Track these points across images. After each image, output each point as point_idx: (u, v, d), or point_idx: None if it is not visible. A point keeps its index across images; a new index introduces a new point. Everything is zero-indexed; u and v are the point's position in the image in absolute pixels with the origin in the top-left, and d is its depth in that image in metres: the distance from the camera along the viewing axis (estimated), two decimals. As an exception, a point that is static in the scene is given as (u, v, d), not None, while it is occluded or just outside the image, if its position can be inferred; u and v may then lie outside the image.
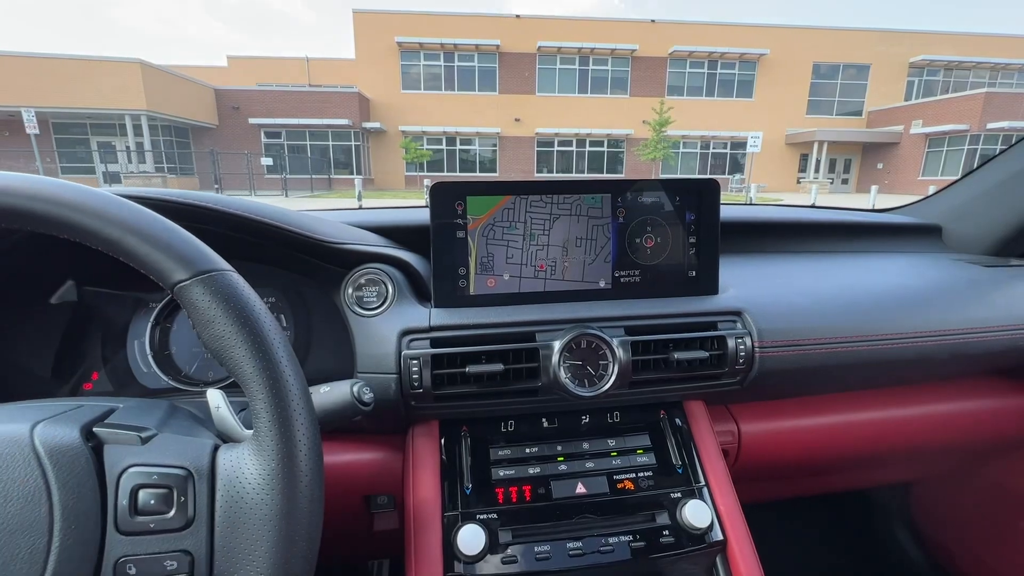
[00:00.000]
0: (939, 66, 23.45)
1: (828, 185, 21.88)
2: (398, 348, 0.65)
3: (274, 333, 0.41)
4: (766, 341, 0.72)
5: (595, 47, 21.50)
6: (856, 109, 23.67)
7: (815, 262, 0.98)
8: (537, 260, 0.72)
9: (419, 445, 0.69)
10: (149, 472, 0.39)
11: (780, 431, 0.86)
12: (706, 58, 22.29)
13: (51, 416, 0.41)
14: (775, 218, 1.07)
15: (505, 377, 0.66)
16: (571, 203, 0.72)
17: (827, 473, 1.04)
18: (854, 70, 23.15)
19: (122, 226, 0.40)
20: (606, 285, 0.74)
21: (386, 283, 0.70)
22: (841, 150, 23.18)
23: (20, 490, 0.36)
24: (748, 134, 16.56)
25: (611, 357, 0.67)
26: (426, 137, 22.25)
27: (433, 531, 0.62)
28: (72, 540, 0.36)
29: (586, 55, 22.10)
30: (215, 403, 0.46)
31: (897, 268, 0.96)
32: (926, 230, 1.12)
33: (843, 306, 0.79)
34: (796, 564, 1.23)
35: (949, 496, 1.21)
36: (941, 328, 0.79)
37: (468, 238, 0.70)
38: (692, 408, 0.76)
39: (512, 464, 0.68)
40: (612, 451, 0.70)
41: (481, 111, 22.01)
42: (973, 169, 1.12)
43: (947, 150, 20.05)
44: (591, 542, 0.63)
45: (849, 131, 22.49)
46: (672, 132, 20.32)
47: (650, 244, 0.74)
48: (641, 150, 20.11)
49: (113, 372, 0.72)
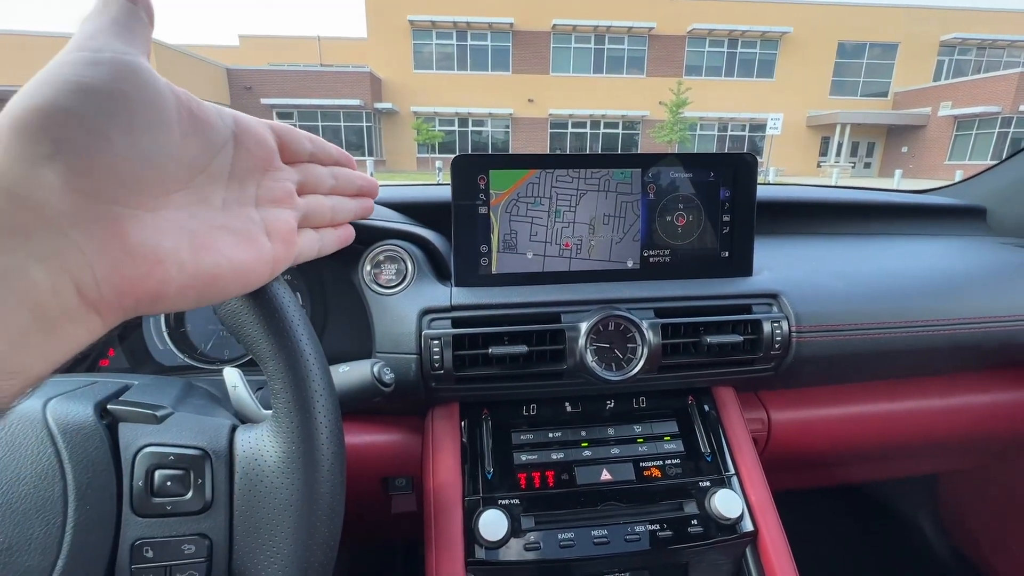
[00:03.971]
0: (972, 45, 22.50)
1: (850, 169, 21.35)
2: (418, 328, 0.62)
3: (294, 310, 0.39)
4: (803, 326, 0.68)
5: (611, 25, 20.98)
6: (882, 90, 22.89)
7: (852, 244, 0.93)
8: (562, 238, 0.69)
9: (439, 428, 0.67)
10: (165, 452, 0.37)
11: (811, 420, 0.82)
12: (726, 36, 21.63)
13: (64, 392, 0.39)
14: (808, 198, 1.01)
15: (529, 359, 0.63)
16: (599, 178, 0.68)
17: (855, 463, 1.01)
18: (881, 49, 22.31)
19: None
20: (634, 265, 0.70)
21: (405, 260, 0.67)
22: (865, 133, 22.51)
23: (33, 468, 0.34)
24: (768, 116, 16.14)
25: (640, 340, 0.64)
26: (438, 118, 22.08)
27: (454, 515, 0.60)
28: (87, 521, 0.34)
29: (602, 33, 21.59)
30: (232, 382, 0.45)
31: (940, 251, 0.91)
32: (970, 212, 1.06)
33: (884, 290, 0.75)
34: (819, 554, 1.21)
35: (977, 488, 1.18)
36: (990, 315, 0.75)
37: (491, 214, 0.67)
38: (722, 394, 0.73)
39: (535, 449, 0.66)
40: (638, 437, 0.68)
41: (494, 91, 21.70)
42: (1022, 148, 1.05)
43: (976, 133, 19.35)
44: (617, 530, 0.61)
45: (874, 113, 21.79)
46: (689, 113, 19.86)
47: (681, 222, 0.70)
48: (657, 132, 19.73)
49: (129, 349, 0.71)
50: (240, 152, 0.29)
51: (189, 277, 0.25)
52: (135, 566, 0.35)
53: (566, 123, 22.55)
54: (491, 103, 21.79)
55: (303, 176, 0.34)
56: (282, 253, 0.31)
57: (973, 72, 21.93)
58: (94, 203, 0.21)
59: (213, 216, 0.27)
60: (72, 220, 0.20)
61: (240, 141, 0.29)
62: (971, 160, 18.87)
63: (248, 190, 0.30)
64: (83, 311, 0.21)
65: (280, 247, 0.31)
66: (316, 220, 0.36)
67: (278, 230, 0.31)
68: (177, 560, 0.36)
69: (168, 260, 0.24)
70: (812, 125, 22.47)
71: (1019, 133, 18.12)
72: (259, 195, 0.31)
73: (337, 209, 0.37)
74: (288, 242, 0.32)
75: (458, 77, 21.79)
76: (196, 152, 0.26)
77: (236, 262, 0.28)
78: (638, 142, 22.66)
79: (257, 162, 0.30)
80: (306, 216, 0.34)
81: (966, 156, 19.40)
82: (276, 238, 0.31)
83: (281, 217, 0.32)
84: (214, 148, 0.27)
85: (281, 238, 0.31)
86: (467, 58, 21.80)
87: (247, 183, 0.30)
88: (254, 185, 0.31)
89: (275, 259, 0.31)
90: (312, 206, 0.35)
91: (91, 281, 0.21)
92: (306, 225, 0.35)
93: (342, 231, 0.39)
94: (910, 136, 21.84)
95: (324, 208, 0.36)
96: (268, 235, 0.30)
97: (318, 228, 0.36)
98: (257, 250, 0.29)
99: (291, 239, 0.32)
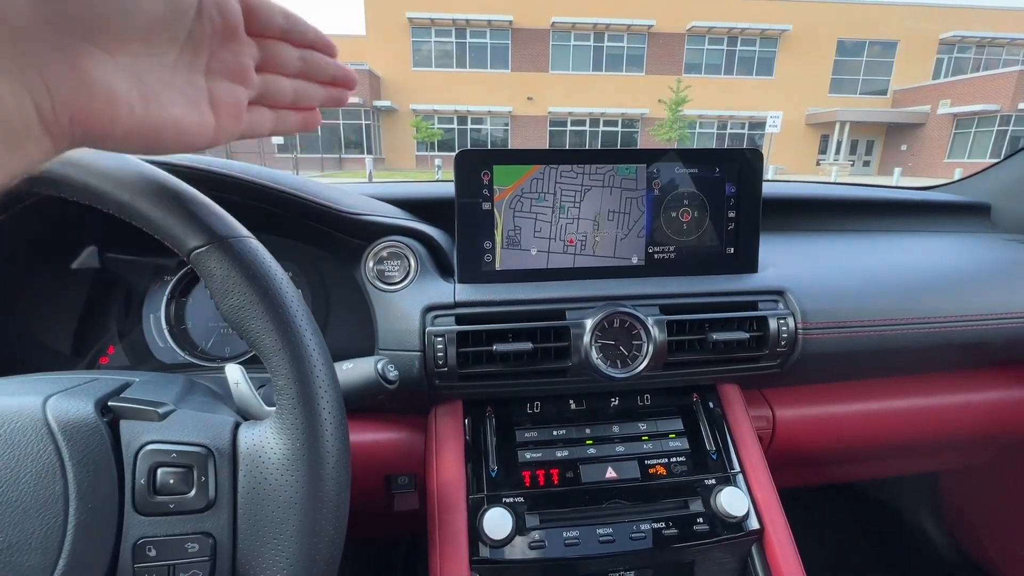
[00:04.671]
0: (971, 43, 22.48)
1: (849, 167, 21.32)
2: (422, 325, 0.62)
3: (297, 304, 0.38)
4: (810, 323, 0.68)
5: (610, 22, 20.92)
6: (881, 88, 22.87)
7: (857, 241, 0.93)
8: (567, 234, 0.68)
9: (442, 425, 0.67)
10: (167, 450, 0.36)
11: (815, 417, 0.82)
12: (725, 34, 21.60)
13: (65, 389, 0.38)
14: (813, 195, 1.01)
15: (533, 356, 0.63)
16: (604, 174, 0.67)
17: (860, 461, 1.00)
18: (880, 47, 22.29)
19: (134, 189, 0.38)
20: (639, 261, 0.70)
21: (408, 257, 0.66)
22: (864, 131, 22.49)
23: (33, 466, 0.34)
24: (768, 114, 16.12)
25: (645, 337, 0.63)
26: (437, 116, 22.01)
27: (458, 514, 0.60)
28: (89, 519, 0.34)
29: (601, 31, 21.54)
30: (234, 378, 0.44)
31: (945, 247, 0.91)
32: (974, 208, 1.05)
33: (891, 286, 0.74)
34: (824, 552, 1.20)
35: (981, 485, 1.17)
36: (998, 311, 0.74)
37: (494, 210, 0.66)
38: (727, 392, 0.73)
39: (539, 447, 0.65)
40: (643, 435, 0.67)
41: (493, 89, 21.65)
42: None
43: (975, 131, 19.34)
44: (622, 528, 0.60)
45: (873, 111, 21.77)
46: (688, 111, 19.82)
47: (686, 218, 0.70)
48: (656, 130, 19.69)
49: (130, 346, 0.70)
50: (201, 18, 0.29)
51: (136, 123, 0.26)
52: (138, 565, 0.35)
53: (565, 121, 22.50)
54: (490, 101, 21.73)
55: (265, 53, 0.34)
56: (226, 125, 0.32)
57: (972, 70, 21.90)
58: (58, 33, 0.22)
59: (163, 74, 0.28)
60: (37, 45, 0.22)
61: (204, 6, 0.29)
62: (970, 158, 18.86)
63: (200, 57, 0.30)
64: (40, 132, 0.23)
65: (224, 120, 0.31)
66: (273, 100, 0.35)
67: (223, 102, 0.31)
68: (181, 559, 0.35)
69: (120, 102, 0.25)
70: (811, 123, 22.44)
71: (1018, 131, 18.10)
72: (210, 65, 0.31)
73: (300, 92, 0.36)
74: (233, 116, 0.32)
75: (457, 75, 21.72)
76: (161, 8, 0.27)
77: (179, 122, 0.29)
78: (637, 140, 22.61)
79: (216, 30, 0.30)
80: (261, 95, 0.34)
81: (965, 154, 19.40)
82: (220, 111, 0.31)
83: (229, 91, 0.32)
84: (178, 10, 0.28)
85: (225, 111, 0.31)
86: (466, 56, 21.73)
87: (200, 50, 0.30)
88: (206, 54, 0.30)
89: (217, 128, 0.31)
90: (270, 87, 0.35)
91: (48, 105, 0.23)
92: (262, 103, 0.35)
93: (306, 115, 0.38)
94: (909, 134, 21.82)
95: (284, 90, 0.35)
96: (212, 106, 0.31)
97: (275, 108, 0.36)
98: (199, 116, 0.30)
99: (237, 114, 0.32)
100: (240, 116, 0.33)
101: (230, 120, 0.32)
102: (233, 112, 0.32)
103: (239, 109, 0.32)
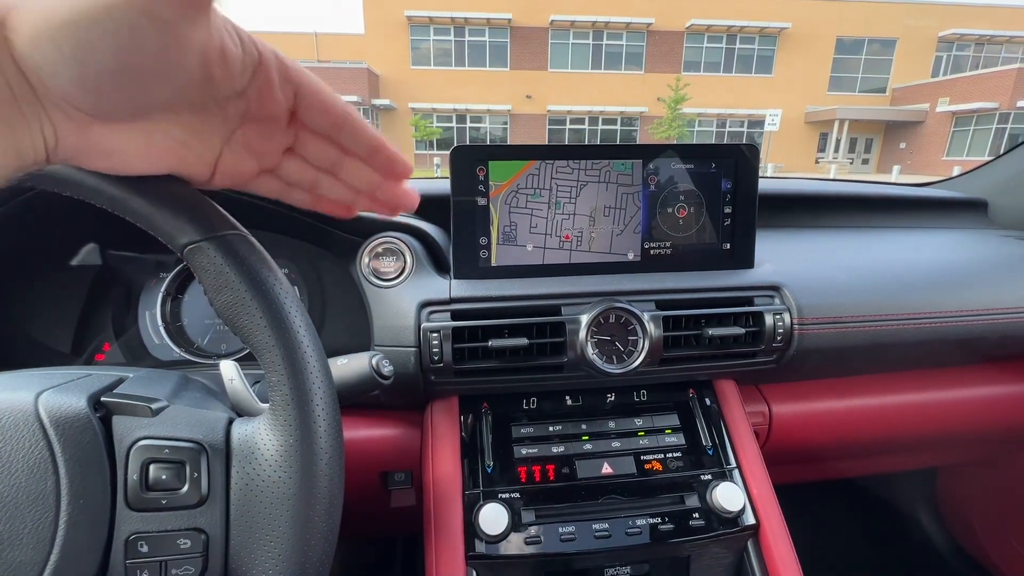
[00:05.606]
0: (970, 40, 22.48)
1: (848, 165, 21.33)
2: (417, 320, 0.62)
3: (291, 300, 0.38)
4: (806, 318, 0.68)
5: (609, 21, 20.88)
6: (880, 86, 22.87)
7: (853, 237, 0.93)
8: (563, 230, 0.68)
9: (438, 421, 0.67)
10: (160, 445, 0.36)
11: (811, 413, 0.82)
12: (724, 32, 21.57)
13: (57, 384, 0.38)
14: (810, 191, 1.01)
15: (529, 352, 0.63)
16: (600, 169, 0.67)
17: (856, 456, 1.00)
18: (879, 45, 22.28)
19: (127, 183, 0.37)
20: (635, 257, 0.70)
21: (404, 252, 0.66)
22: (863, 129, 22.49)
23: (24, 461, 0.34)
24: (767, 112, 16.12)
25: (641, 332, 0.63)
26: (436, 114, 21.97)
27: (454, 509, 0.60)
28: (80, 515, 0.34)
29: (600, 29, 21.50)
30: (229, 375, 0.44)
31: (942, 244, 0.91)
32: (971, 205, 1.05)
33: (887, 282, 0.74)
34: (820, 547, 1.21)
35: (977, 481, 1.18)
36: (992, 307, 0.74)
37: (490, 206, 0.66)
38: (723, 387, 0.73)
39: (535, 442, 0.65)
40: (639, 431, 0.67)
41: (492, 87, 21.62)
42: (1022, 142, 1.05)
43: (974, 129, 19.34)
44: (618, 524, 0.60)
45: (872, 109, 21.77)
46: (687, 109, 19.83)
47: (682, 214, 0.70)
48: (655, 128, 19.67)
49: (126, 344, 0.70)
50: (240, 101, 0.29)
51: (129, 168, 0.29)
52: (129, 561, 0.35)
53: (564, 119, 22.48)
54: (489, 99, 21.69)
55: (299, 141, 0.34)
56: (226, 183, 0.33)
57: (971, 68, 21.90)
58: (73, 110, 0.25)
59: (178, 133, 0.29)
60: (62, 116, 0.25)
61: (247, 95, 0.29)
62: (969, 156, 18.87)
63: (225, 128, 0.30)
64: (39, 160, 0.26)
65: (223, 180, 0.33)
66: (287, 179, 0.35)
67: (231, 168, 0.32)
68: (173, 555, 0.35)
69: (116, 156, 0.27)
70: (810, 121, 22.43)
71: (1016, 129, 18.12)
72: (233, 135, 0.31)
73: (323, 186, 0.36)
74: (234, 181, 0.33)
75: (456, 73, 21.68)
76: (198, 96, 0.27)
77: (176, 167, 0.30)
78: (636, 138, 22.59)
79: (251, 117, 0.30)
80: (279, 170, 0.34)
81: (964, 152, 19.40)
82: (224, 172, 0.32)
83: (241, 160, 0.32)
84: (216, 98, 0.28)
85: (229, 176, 0.32)
86: (465, 54, 21.69)
87: (228, 124, 0.30)
88: (233, 129, 0.30)
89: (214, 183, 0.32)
90: (293, 175, 0.35)
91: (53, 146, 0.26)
92: (279, 175, 0.35)
93: (327, 204, 0.38)
94: (908, 132, 21.83)
95: (305, 178, 0.36)
96: (216, 166, 0.31)
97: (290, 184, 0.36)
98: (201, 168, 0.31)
99: (240, 183, 0.33)
100: (243, 185, 0.33)
101: (229, 181, 0.33)
102: (236, 181, 0.33)
103: (243, 179, 0.33)
